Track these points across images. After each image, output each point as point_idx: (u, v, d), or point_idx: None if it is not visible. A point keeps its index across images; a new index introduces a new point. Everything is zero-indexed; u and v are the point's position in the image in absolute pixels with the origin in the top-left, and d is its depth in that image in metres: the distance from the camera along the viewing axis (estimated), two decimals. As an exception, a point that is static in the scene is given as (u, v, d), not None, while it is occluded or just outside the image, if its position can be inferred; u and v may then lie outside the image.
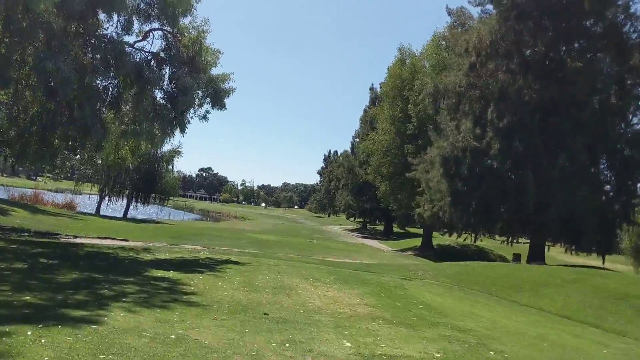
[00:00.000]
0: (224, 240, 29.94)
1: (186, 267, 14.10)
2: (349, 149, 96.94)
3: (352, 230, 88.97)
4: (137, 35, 18.20)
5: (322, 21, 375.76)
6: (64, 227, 27.22)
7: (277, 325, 8.20)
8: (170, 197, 55.90)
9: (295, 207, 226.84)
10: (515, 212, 33.32)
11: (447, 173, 35.02)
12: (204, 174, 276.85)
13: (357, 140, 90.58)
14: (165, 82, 17.34)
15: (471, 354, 7.73)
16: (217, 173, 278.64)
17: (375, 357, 6.97)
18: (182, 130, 17.52)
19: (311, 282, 13.46)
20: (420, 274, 18.92)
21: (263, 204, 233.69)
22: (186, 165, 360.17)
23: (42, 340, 5.92)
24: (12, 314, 7.04)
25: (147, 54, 17.60)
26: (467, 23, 42.91)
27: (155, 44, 18.15)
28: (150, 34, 18.08)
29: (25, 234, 21.62)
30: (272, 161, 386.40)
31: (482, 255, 52.59)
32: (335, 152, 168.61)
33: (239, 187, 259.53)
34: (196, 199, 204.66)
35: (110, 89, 16.59)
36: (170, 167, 53.43)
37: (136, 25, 17.70)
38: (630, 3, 31.28)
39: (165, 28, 18.08)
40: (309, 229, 74.83)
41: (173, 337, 6.73)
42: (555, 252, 46.56)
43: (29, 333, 6.12)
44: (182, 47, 17.88)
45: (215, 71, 19.01)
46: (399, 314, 10.50)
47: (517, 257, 38.63)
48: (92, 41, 16.25)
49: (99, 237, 23.39)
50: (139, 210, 55.04)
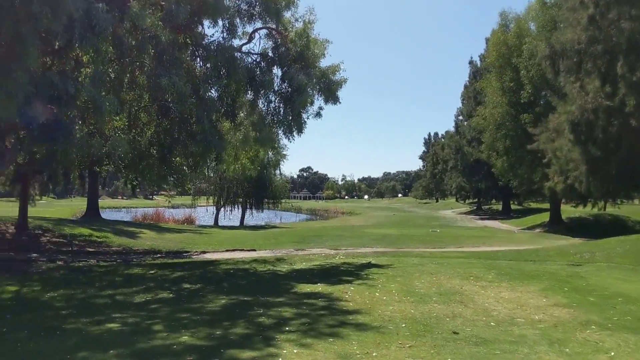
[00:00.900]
0: (346, 239, 28.83)
1: (330, 276, 12.93)
2: (452, 129, 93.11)
3: (466, 213, 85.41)
4: (241, 38, 17.37)
5: (408, 2, 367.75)
6: (191, 243, 27.32)
7: (478, 348, 6.67)
8: (282, 200, 55.93)
9: (399, 195, 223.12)
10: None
11: (579, 139, 31.73)
12: (304, 174, 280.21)
13: (461, 118, 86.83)
14: (277, 82, 16.37)
15: None
16: (317, 171, 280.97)
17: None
18: (300, 132, 16.44)
19: (474, 282, 11.81)
20: (587, 256, 16.59)
21: (366, 197, 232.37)
22: (287, 167, 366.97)
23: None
24: (177, 363, 6.06)
25: (255, 56, 16.72)
26: (577, -28, 38.80)
27: (261, 44, 17.04)
28: (255, 34, 17.18)
29: (158, 255, 21.65)
30: (370, 152, 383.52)
31: (619, 223, 47.91)
32: (436, 134, 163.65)
33: (340, 183, 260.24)
34: (300, 199, 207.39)
35: (225, 98, 15.85)
36: (277, 171, 53.47)
37: (239, 29, 16.85)
38: None
39: (269, 25, 17.09)
40: (423, 217, 72.44)
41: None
42: None
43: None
44: (289, 42, 16.80)
45: (324, 62, 17.77)
46: (605, 313, 8.61)
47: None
48: (200, 51, 15.56)
49: (227, 250, 23.06)
50: (254, 217, 55.66)
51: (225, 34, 15.87)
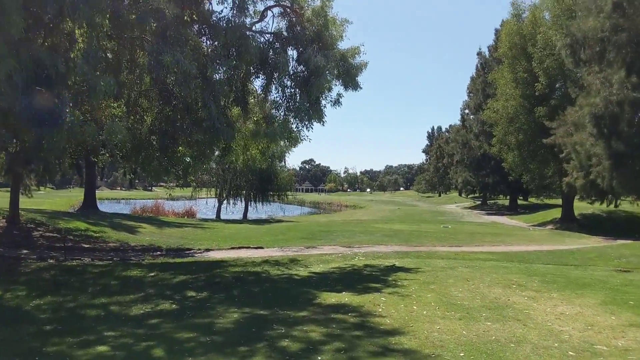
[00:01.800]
0: (358, 235, 27.33)
1: (354, 282, 11.44)
2: (458, 122, 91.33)
3: (471, 208, 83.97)
4: (252, 17, 15.76)
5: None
6: (193, 239, 25.82)
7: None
8: (288, 193, 54.31)
9: (401, 189, 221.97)
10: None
11: (602, 133, 30.14)
12: (307, 166, 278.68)
13: (467, 111, 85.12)
14: (292, 65, 14.76)
15: None
16: (320, 164, 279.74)
17: None
18: (320, 120, 14.88)
19: (519, 292, 10.32)
20: (634, 260, 15.09)
21: (368, 190, 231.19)
22: (289, 159, 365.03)
23: None
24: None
25: (268, 35, 15.10)
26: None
27: (274, 23, 15.44)
28: (268, 12, 15.56)
29: (158, 252, 20.16)
30: (372, 145, 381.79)
31: (635, 221, 46.50)
32: (439, 127, 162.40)
33: (342, 175, 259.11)
34: (302, 191, 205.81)
35: (234, 82, 14.28)
36: (283, 163, 51.91)
37: (250, 6, 15.23)
38: None
39: (283, 3, 15.50)
40: (428, 212, 70.99)
41: None
42: None
43: None
44: (305, 22, 15.20)
45: (342, 45, 16.17)
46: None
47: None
48: (208, 29, 13.95)
49: (232, 248, 21.57)
50: (257, 210, 54.18)
51: (234, 11, 14.25)
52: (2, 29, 9.12)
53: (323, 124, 14.99)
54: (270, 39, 15.01)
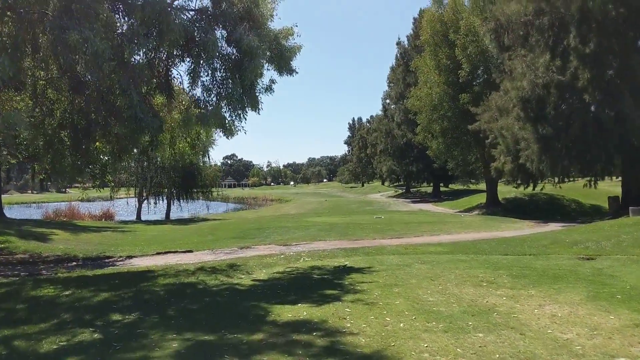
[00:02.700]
0: (292, 231, 25.98)
1: (307, 290, 10.05)
2: (380, 113, 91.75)
3: (396, 197, 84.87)
4: (172, -8, 13.91)
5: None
6: (113, 244, 23.54)
7: None
8: (213, 190, 51.97)
9: (324, 180, 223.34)
10: (618, 149, 28.71)
11: (529, 116, 30.34)
12: (229, 162, 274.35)
13: (389, 101, 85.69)
14: (222, 46, 13.06)
15: None
16: (242, 158, 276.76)
17: None
18: (255, 108, 13.23)
19: (492, 290, 9.33)
20: (592, 246, 14.60)
21: (292, 183, 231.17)
22: (212, 154, 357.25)
23: None
24: None
25: (192, 13, 13.30)
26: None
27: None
28: (189, -14, 13.77)
29: (74, 263, 17.91)
30: (294, 139, 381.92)
31: (556, 202, 48.07)
32: (360, 119, 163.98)
33: (265, 169, 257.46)
34: (226, 187, 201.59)
35: (157, 65, 12.43)
36: (206, 158, 49.58)
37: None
38: None
39: (206, -24, 13.77)
40: (355, 202, 70.79)
41: None
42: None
43: None
44: (233, -3, 13.57)
45: (273, 25, 14.60)
46: None
47: (614, 201, 34.12)
48: (122, 4, 12.01)
49: (158, 253, 19.66)
50: (181, 209, 51.65)
51: (151, -15, 12.40)
52: None
53: (258, 112, 13.40)
54: (194, 17, 13.23)
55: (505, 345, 6.20)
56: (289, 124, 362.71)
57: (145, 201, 48.03)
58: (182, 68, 13.92)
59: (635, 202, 29.08)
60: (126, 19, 11.50)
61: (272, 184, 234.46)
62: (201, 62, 12.49)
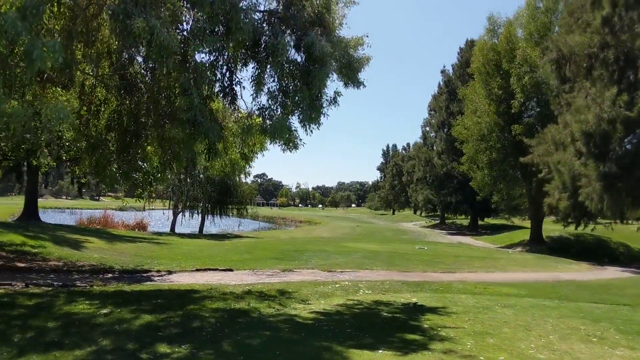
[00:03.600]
0: (334, 257, 24.59)
1: (382, 333, 8.62)
2: (419, 140, 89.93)
3: (430, 227, 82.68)
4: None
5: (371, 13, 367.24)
6: (150, 256, 22.49)
7: None
8: (248, 207, 50.91)
9: (353, 205, 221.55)
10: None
11: (591, 152, 28.52)
12: (259, 180, 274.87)
13: (428, 129, 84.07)
14: (290, 51, 11.93)
15: None
16: (272, 178, 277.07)
17: None
18: (317, 121, 12.03)
19: (609, 349, 7.78)
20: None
21: (320, 205, 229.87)
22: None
23: None
24: None
25: (260, 14, 12.21)
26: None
27: (266, 1, 12.53)
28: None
29: (110, 274, 16.83)
30: (325, 161, 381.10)
31: (601, 245, 45.42)
32: (394, 145, 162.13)
33: (294, 190, 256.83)
34: (253, 205, 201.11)
35: (220, 67, 11.32)
36: (242, 174, 48.61)
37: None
38: None
39: (278, -26, 12.70)
40: (389, 230, 69.12)
41: None
42: None
43: None
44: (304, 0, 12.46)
45: (341, 33, 13.41)
46: None
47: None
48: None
49: (197, 270, 18.50)
50: (213, 224, 50.72)
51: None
52: None
53: (318, 127, 12.17)
54: (263, 18, 12.13)
55: None
56: (319, 147, 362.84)
57: (180, 214, 47.17)
58: (243, 74, 12.75)
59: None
60: (192, 12, 10.41)
61: (300, 205, 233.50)
62: (268, 67, 11.32)
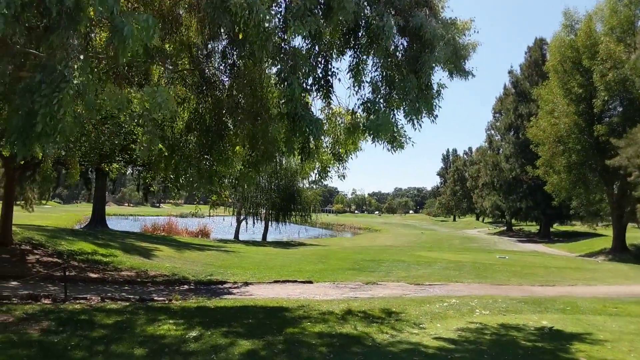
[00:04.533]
0: (415, 268, 22.91)
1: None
2: (484, 144, 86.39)
3: (496, 234, 79.27)
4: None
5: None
6: (221, 265, 21.48)
7: None
8: (312, 214, 49.66)
9: (411, 212, 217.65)
10: None
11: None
12: (313, 186, 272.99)
13: (493, 132, 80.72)
14: (395, 37, 10.39)
15: None
16: (327, 184, 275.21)
17: None
18: (431, 114, 10.45)
19: None
20: None
21: (376, 212, 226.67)
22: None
23: None
24: None
25: (358, -6, 10.76)
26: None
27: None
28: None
29: (185, 286, 15.78)
30: (381, 167, 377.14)
31: (695, 254, 41.82)
32: (454, 150, 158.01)
33: (350, 197, 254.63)
34: (316, 212, 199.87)
35: (315, 54, 9.94)
36: (305, 180, 47.50)
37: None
38: None
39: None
40: (455, 237, 66.51)
41: None
42: None
43: None
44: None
45: (445, 15, 11.77)
46: None
47: None
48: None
49: (276, 281, 17.24)
50: (278, 230, 49.75)
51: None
52: None
53: (434, 120, 10.57)
54: (362, -1, 10.62)
55: None
56: (375, 152, 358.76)
57: (244, 221, 46.45)
58: (339, 65, 11.32)
59: None
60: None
61: (355, 211, 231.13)
62: (371, 53, 9.82)
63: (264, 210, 47.05)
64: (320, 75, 10.09)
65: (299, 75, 8.97)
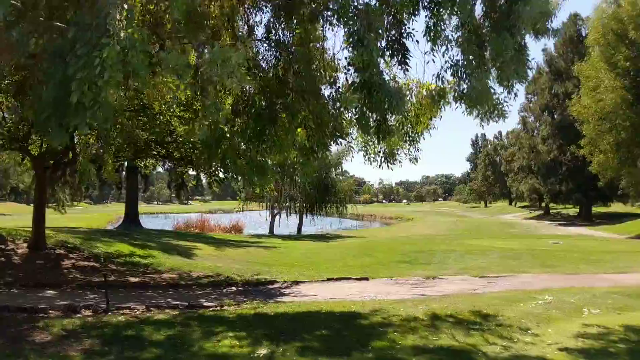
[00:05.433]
0: (469, 258, 21.38)
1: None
2: (518, 126, 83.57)
3: (533, 218, 76.78)
4: None
5: None
6: (265, 263, 20.18)
7: None
8: (347, 205, 48.16)
9: (439, 199, 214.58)
10: None
11: None
12: (340, 177, 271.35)
13: (527, 114, 77.90)
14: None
15: None
16: (354, 175, 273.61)
17: None
18: (523, 78, 8.81)
19: None
20: None
21: (405, 201, 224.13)
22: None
23: None
24: None
25: None
26: None
27: None
28: None
29: (233, 288, 14.46)
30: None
31: None
32: (484, 135, 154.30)
33: (377, 186, 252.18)
34: (352, 203, 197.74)
35: (385, 14, 8.35)
36: (339, 170, 45.98)
37: None
38: None
39: None
40: (493, 224, 64.55)
41: None
42: None
43: None
44: None
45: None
46: None
47: None
48: None
49: (329, 279, 15.82)
50: (312, 223, 48.47)
51: None
52: None
53: (524, 84, 8.95)
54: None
55: None
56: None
57: (277, 215, 45.21)
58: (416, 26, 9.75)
59: None
60: None
61: (383, 201, 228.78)
62: (454, 7, 8.24)
63: (298, 203, 45.75)
64: (394, 37, 8.56)
65: (374, 35, 7.45)
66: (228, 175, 11.64)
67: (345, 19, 7.40)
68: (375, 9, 7.73)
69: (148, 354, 7.29)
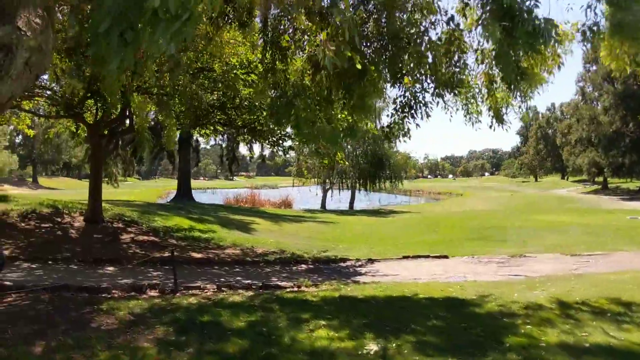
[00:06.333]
0: (546, 234, 19.77)
1: None
2: (575, 97, 79.62)
3: (591, 193, 73.25)
4: None
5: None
6: (328, 239, 19.09)
7: None
8: (402, 181, 46.51)
9: (486, 174, 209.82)
10: None
11: None
12: (394, 150, 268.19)
13: (585, 84, 73.93)
14: None
15: None
16: (398, 150, 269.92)
17: None
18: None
19: None
20: None
21: (451, 176, 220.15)
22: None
23: None
24: None
25: None
26: None
27: None
28: None
29: (303, 265, 13.32)
30: (453, 130, 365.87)
31: None
32: (535, 107, 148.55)
33: (422, 162, 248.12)
34: (407, 178, 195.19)
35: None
36: (393, 144, 44.19)
37: None
38: None
39: None
40: (551, 198, 61.66)
41: None
42: None
43: None
44: None
45: None
46: None
47: None
48: None
49: (405, 257, 14.50)
50: (366, 198, 47.11)
51: None
52: None
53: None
54: None
55: None
56: (445, 115, 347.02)
57: (330, 190, 43.99)
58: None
59: None
60: None
61: (429, 176, 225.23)
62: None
63: (349, 179, 44.37)
64: None
65: None
66: (298, 141, 10.27)
67: None
68: None
69: (232, 347, 6.12)
